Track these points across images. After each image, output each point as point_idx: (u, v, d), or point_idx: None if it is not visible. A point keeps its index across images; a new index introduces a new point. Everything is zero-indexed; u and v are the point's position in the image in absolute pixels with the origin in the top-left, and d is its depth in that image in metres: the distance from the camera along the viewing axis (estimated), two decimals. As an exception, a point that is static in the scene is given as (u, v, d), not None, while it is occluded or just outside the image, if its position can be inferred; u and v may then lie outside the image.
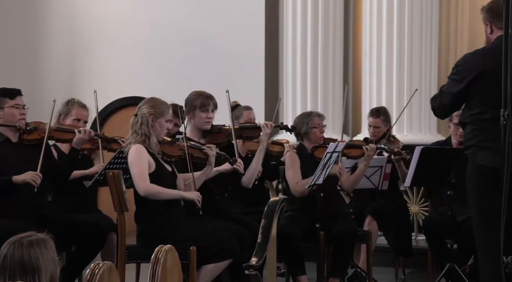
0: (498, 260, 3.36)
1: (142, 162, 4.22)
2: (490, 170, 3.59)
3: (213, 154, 4.47)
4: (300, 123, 5.35)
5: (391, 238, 5.78)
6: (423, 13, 7.86)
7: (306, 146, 5.34)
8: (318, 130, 5.31)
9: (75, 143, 4.72)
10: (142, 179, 4.20)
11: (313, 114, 5.39)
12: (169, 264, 2.74)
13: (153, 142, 4.30)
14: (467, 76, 3.73)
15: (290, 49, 8.26)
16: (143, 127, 4.29)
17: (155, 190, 4.22)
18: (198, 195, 4.29)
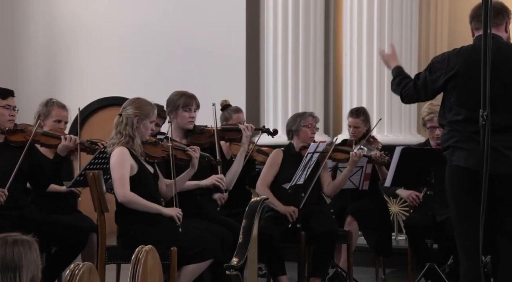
0: (477, 260, 3.39)
1: (124, 166, 4.20)
2: (465, 170, 3.62)
3: (197, 156, 4.45)
4: (292, 121, 5.38)
5: (371, 238, 5.80)
6: (403, 14, 7.91)
7: (295, 144, 5.36)
8: (310, 130, 5.33)
9: (60, 149, 4.68)
10: (122, 185, 4.18)
11: (307, 114, 5.43)
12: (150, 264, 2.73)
13: (137, 143, 4.28)
14: (443, 76, 3.75)
15: (271, 49, 8.28)
16: (128, 129, 4.27)
17: (133, 198, 4.19)
18: (178, 212, 4.22)
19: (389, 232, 5.88)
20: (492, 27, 3.65)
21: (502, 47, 3.69)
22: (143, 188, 4.27)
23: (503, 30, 3.77)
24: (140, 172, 4.27)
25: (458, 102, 3.70)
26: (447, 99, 3.76)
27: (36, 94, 7.98)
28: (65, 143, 4.65)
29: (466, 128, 3.65)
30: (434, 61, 3.86)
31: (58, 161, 4.69)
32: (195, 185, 4.56)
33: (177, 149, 4.43)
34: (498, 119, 3.47)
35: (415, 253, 5.27)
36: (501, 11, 3.77)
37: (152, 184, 4.36)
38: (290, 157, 5.27)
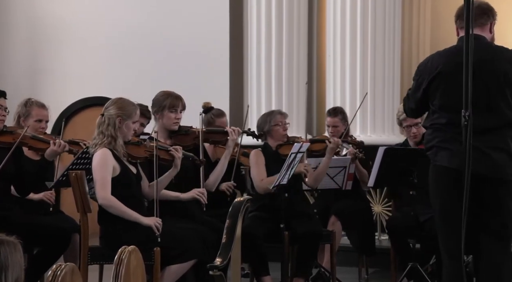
0: (459, 260, 3.41)
1: (106, 168, 4.17)
2: (449, 170, 3.63)
3: (179, 156, 4.44)
4: (263, 123, 5.37)
5: (354, 238, 5.82)
6: (386, 15, 7.94)
7: (271, 144, 5.36)
8: (281, 128, 5.33)
9: (47, 154, 4.63)
10: (103, 187, 4.16)
11: (275, 112, 5.42)
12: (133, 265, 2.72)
13: (119, 144, 4.26)
14: (426, 78, 3.77)
15: (254, 50, 8.28)
16: (110, 129, 4.25)
17: (114, 203, 4.16)
18: (157, 221, 4.17)
19: (372, 232, 5.90)
20: (477, 27, 3.69)
21: (485, 48, 3.71)
22: (126, 189, 4.25)
23: (488, 30, 3.79)
24: (123, 173, 4.25)
25: (441, 105, 3.72)
26: (431, 102, 3.77)
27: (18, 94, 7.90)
28: (53, 148, 4.60)
29: (450, 129, 3.67)
30: (418, 66, 3.89)
31: (44, 166, 4.67)
32: (175, 197, 4.54)
33: (160, 149, 4.42)
34: (481, 119, 3.49)
35: (397, 253, 5.29)
36: (486, 11, 3.78)
37: (135, 185, 4.34)
38: (269, 156, 5.27)
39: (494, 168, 3.58)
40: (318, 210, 5.71)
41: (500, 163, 3.60)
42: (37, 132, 4.83)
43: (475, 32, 3.64)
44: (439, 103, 3.72)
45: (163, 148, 4.45)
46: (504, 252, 3.68)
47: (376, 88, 7.94)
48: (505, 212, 3.65)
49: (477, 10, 3.69)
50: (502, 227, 3.66)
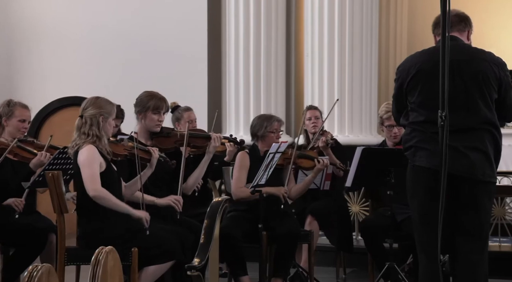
0: (436, 259, 3.43)
1: (94, 163, 4.15)
2: (427, 170, 3.65)
3: (156, 157, 4.44)
4: (259, 125, 5.35)
5: (332, 235, 5.84)
6: (363, 15, 7.98)
7: (260, 148, 5.35)
8: (275, 136, 5.34)
9: (33, 164, 4.68)
10: (93, 181, 4.13)
11: (274, 119, 5.40)
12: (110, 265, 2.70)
13: (104, 142, 4.25)
14: (405, 78, 3.80)
15: (233, 50, 8.28)
16: (94, 129, 4.23)
17: (105, 195, 4.14)
18: (147, 215, 4.19)
19: (350, 230, 5.93)
20: (455, 31, 3.76)
21: (463, 48, 3.74)
22: (110, 187, 4.23)
23: (466, 37, 3.84)
24: (108, 171, 4.24)
25: (419, 103, 3.74)
26: (409, 100, 3.80)
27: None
28: (40, 158, 4.66)
29: (427, 129, 3.69)
30: (398, 67, 3.91)
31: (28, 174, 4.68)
32: (151, 201, 4.53)
33: (138, 148, 4.41)
34: (459, 119, 3.51)
35: (372, 254, 5.31)
36: (464, 19, 3.84)
37: (117, 183, 4.33)
38: (255, 159, 5.27)
39: (471, 168, 3.60)
40: (296, 210, 5.71)
41: (477, 163, 3.62)
42: (20, 132, 4.86)
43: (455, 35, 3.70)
44: (417, 101, 3.74)
45: (141, 148, 4.45)
46: (481, 251, 3.71)
47: (354, 88, 7.98)
48: (481, 212, 3.67)
49: (456, 17, 3.79)
50: (479, 227, 3.68)
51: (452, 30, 3.77)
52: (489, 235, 3.86)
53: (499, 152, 3.73)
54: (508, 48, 8.28)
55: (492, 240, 6.47)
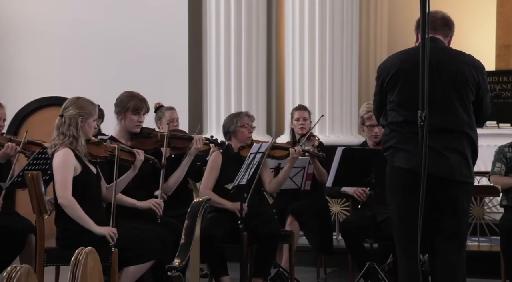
0: (414, 259, 3.45)
1: (68, 168, 4.12)
2: (406, 171, 3.67)
3: (141, 159, 4.42)
4: (229, 122, 5.36)
5: (312, 237, 5.85)
6: (344, 15, 8.01)
7: (233, 145, 5.35)
8: (247, 130, 5.33)
9: (0, 156, 4.62)
10: (64, 187, 4.11)
11: (243, 114, 5.41)
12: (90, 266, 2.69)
13: (81, 143, 4.22)
14: (385, 77, 3.82)
15: (213, 50, 8.28)
16: (71, 129, 4.20)
17: (72, 204, 4.10)
18: (111, 231, 4.12)
19: (330, 231, 5.94)
20: (439, 34, 3.79)
21: (443, 50, 3.77)
22: (86, 189, 4.20)
23: (448, 42, 3.86)
24: (84, 173, 4.21)
25: (398, 102, 3.76)
26: (388, 99, 3.82)
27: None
28: (6, 150, 4.61)
29: (406, 129, 3.71)
30: (379, 66, 3.93)
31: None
32: (131, 204, 4.51)
33: (122, 150, 4.38)
34: (438, 119, 3.53)
35: (352, 254, 5.33)
36: (449, 23, 3.87)
37: (95, 185, 4.30)
38: (230, 158, 5.27)
39: (449, 169, 3.63)
40: (276, 210, 5.72)
41: (455, 164, 3.64)
42: None
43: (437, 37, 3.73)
44: (396, 100, 3.76)
45: (124, 149, 4.41)
46: (459, 251, 3.73)
47: (335, 88, 8.00)
48: (460, 213, 3.70)
49: (441, 20, 3.82)
50: (457, 227, 3.71)
51: (436, 33, 3.81)
52: (467, 235, 3.88)
53: (476, 154, 3.76)
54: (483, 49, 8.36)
55: (471, 239, 6.52)
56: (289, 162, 5.34)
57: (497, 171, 5.34)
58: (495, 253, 5.54)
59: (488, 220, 6.69)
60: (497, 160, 5.38)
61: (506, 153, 5.37)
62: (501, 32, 8.96)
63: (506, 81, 8.67)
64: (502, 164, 5.34)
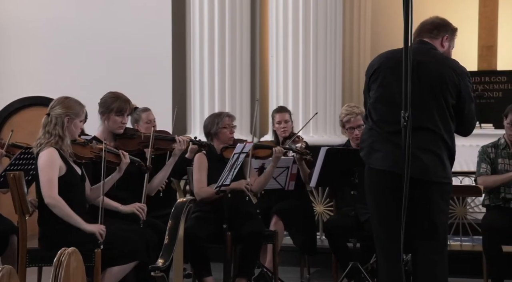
0: (394, 259, 3.46)
1: (53, 168, 4.11)
2: (382, 172, 3.68)
3: (127, 162, 4.40)
4: (210, 124, 5.36)
5: (296, 237, 5.86)
6: (327, 16, 8.03)
7: (216, 146, 5.35)
8: (228, 131, 5.33)
9: None
10: (50, 187, 4.09)
11: (223, 114, 5.41)
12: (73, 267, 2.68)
13: (66, 143, 4.20)
14: (370, 72, 3.85)
15: (197, 51, 8.27)
16: (57, 128, 4.18)
17: (59, 203, 4.09)
18: (101, 229, 4.12)
19: (314, 232, 5.95)
20: (427, 37, 3.84)
21: (427, 51, 3.79)
22: (70, 190, 4.19)
23: (439, 44, 3.88)
24: (69, 173, 4.19)
25: (376, 100, 3.78)
26: (369, 98, 3.84)
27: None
28: None
29: (383, 128, 3.72)
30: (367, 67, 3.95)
31: None
32: (115, 207, 4.50)
33: (108, 151, 4.36)
34: (413, 119, 3.55)
35: (335, 254, 5.35)
36: (438, 26, 3.88)
37: (79, 186, 4.29)
38: (213, 159, 5.27)
39: (423, 169, 3.62)
40: (261, 210, 5.72)
41: (429, 165, 3.65)
42: None
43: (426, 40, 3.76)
44: (374, 97, 3.79)
45: (110, 151, 4.40)
46: (439, 251, 3.75)
47: (318, 89, 8.02)
48: (435, 213, 3.71)
49: (431, 24, 3.87)
50: (434, 227, 3.72)
51: (423, 36, 3.84)
52: (447, 234, 3.90)
53: (453, 155, 3.76)
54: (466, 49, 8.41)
55: (453, 239, 6.56)
56: (273, 161, 5.35)
57: (483, 172, 5.36)
58: (478, 252, 5.57)
59: (470, 219, 6.73)
60: (481, 161, 5.40)
61: (489, 153, 5.40)
62: (483, 33, 9.02)
63: (488, 82, 8.73)
64: (487, 164, 5.37)
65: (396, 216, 3.24)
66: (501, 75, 8.76)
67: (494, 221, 5.23)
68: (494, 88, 8.71)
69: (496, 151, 5.39)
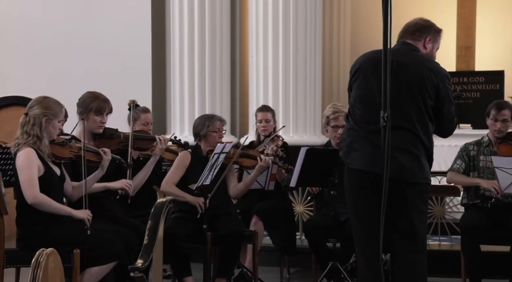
0: (373, 259, 3.48)
1: (32, 167, 4.09)
2: (360, 172, 3.70)
3: (108, 159, 4.39)
4: (201, 125, 5.34)
5: (276, 237, 5.86)
6: (307, 16, 8.05)
7: (202, 147, 5.34)
8: (218, 135, 5.33)
9: None
10: (31, 186, 4.07)
11: (215, 118, 5.39)
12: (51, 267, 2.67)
13: (44, 144, 4.18)
14: (352, 72, 3.88)
15: (177, 51, 8.25)
16: (35, 129, 4.16)
17: (44, 200, 4.09)
18: (88, 214, 4.17)
19: (294, 232, 5.96)
20: (409, 38, 3.86)
21: (410, 53, 3.81)
22: (48, 190, 4.17)
23: (422, 46, 3.90)
24: (46, 174, 4.17)
25: (355, 99, 3.80)
26: (350, 97, 3.87)
27: None
28: None
29: (361, 128, 3.74)
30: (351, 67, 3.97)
31: None
32: (103, 186, 4.50)
33: (88, 150, 4.34)
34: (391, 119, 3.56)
35: (315, 253, 5.36)
36: (421, 28, 3.90)
37: (58, 186, 4.26)
38: (197, 159, 5.26)
39: (400, 170, 3.63)
40: (240, 210, 5.72)
41: (406, 165, 3.66)
42: None
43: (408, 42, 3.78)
44: (354, 97, 3.81)
45: (90, 150, 4.38)
46: (418, 251, 3.76)
47: (298, 89, 8.04)
48: (413, 213, 3.72)
49: (414, 26, 3.89)
50: (412, 227, 3.73)
51: (406, 38, 3.87)
52: (426, 234, 3.92)
53: (430, 156, 3.78)
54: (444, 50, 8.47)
55: (432, 239, 6.60)
56: (255, 170, 5.35)
57: (456, 168, 5.41)
58: (456, 252, 5.61)
59: (449, 219, 6.77)
60: (458, 157, 5.45)
61: (470, 150, 5.44)
62: (461, 34, 9.09)
63: (466, 82, 8.79)
64: (462, 161, 5.41)
65: (375, 216, 3.25)
66: (479, 76, 8.82)
67: (472, 220, 5.26)
68: (472, 88, 8.77)
69: (479, 149, 5.43)
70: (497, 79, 8.65)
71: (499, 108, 5.35)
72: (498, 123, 5.32)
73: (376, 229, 3.22)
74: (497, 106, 5.37)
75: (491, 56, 9.15)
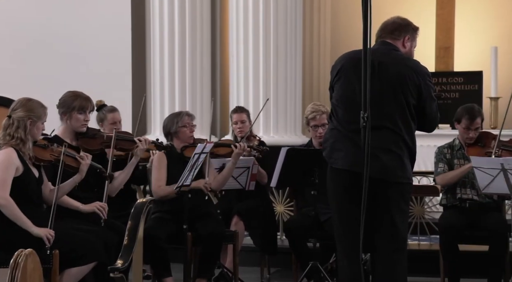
0: (354, 258, 3.49)
1: (8, 169, 4.07)
2: (343, 172, 3.71)
3: (87, 163, 4.36)
4: (170, 123, 5.33)
5: (256, 237, 5.87)
6: (287, 15, 8.07)
7: (176, 145, 5.33)
8: (188, 130, 5.32)
9: None
10: (2, 187, 4.04)
11: (183, 113, 5.40)
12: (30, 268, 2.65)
13: (28, 147, 4.17)
14: (333, 72, 3.89)
15: (157, 50, 8.22)
16: (20, 131, 4.15)
17: (10, 205, 4.04)
18: (49, 233, 4.05)
19: (274, 232, 5.97)
20: (389, 38, 3.88)
21: (390, 53, 3.83)
22: (24, 190, 4.14)
23: (401, 45, 3.91)
24: (25, 175, 4.15)
25: (337, 100, 3.81)
26: (332, 98, 3.88)
27: None
28: None
29: (344, 128, 3.75)
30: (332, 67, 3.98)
31: None
32: (75, 207, 4.46)
33: (68, 155, 4.32)
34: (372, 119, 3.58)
35: (295, 253, 5.37)
36: (399, 27, 3.92)
37: (35, 188, 4.24)
38: (173, 158, 5.24)
39: (382, 169, 3.65)
40: (221, 210, 5.71)
41: (389, 165, 3.68)
42: None
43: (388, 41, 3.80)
44: (336, 97, 3.82)
45: (70, 155, 4.35)
46: (399, 250, 3.78)
47: (279, 89, 8.05)
48: (395, 213, 3.75)
49: (392, 25, 3.90)
50: (394, 227, 3.75)
51: (385, 37, 3.88)
52: (407, 234, 3.94)
53: (413, 156, 3.80)
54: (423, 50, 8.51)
55: (412, 238, 6.63)
56: (233, 158, 5.33)
57: (441, 171, 5.42)
58: (435, 251, 5.64)
59: (428, 219, 6.81)
60: (439, 161, 5.46)
61: (445, 154, 5.47)
62: (441, 34, 9.13)
63: (445, 83, 8.84)
64: (444, 163, 5.43)
65: (356, 215, 3.27)
66: (458, 76, 8.87)
67: (451, 220, 5.30)
68: (451, 89, 8.82)
69: (452, 152, 5.46)
70: (476, 79, 8.70)
71: (471, 117, 5.27)
72: (471, 133, 5.31)
73: (357, 228, 3.24)
74: (470, 115, 5.27)
75: (470, 57, 9.20)
